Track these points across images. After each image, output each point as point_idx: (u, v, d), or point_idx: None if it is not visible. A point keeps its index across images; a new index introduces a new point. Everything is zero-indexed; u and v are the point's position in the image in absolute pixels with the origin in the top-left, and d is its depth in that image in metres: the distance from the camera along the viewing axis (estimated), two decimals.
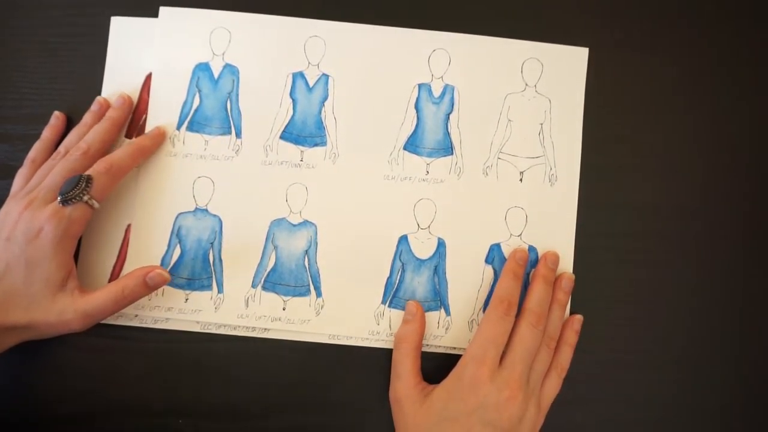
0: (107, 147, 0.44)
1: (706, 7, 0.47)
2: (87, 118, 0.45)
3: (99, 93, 0.46)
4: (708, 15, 0.47)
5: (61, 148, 0.44)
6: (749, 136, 0.47)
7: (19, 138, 0.46)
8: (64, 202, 0.39)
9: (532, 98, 0.46)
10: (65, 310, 0.39)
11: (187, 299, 0.44)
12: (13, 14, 0.47)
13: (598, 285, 0.45)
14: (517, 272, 0.43)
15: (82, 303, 0.40)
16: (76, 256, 0.44)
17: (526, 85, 0.46)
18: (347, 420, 0.44)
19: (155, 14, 0.46)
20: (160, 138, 0.45)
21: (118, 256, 0.44)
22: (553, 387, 0.42)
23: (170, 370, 0.44)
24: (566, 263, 0.45)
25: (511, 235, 0.45)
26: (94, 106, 0.45)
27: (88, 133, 0.44)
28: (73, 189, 0.39)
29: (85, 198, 0.40)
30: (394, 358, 0.42)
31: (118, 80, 0.46)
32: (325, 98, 0.45)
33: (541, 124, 0.46)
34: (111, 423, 0.43)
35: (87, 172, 0.41)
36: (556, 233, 0.45)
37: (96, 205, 0.41)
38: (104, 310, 0.40)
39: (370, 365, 0.44)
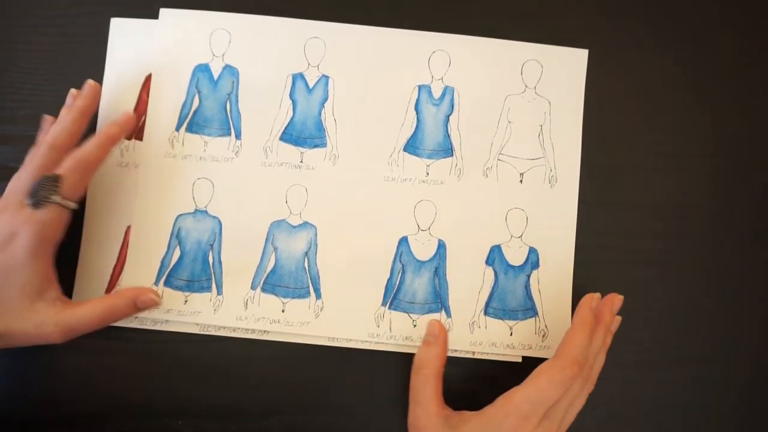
0: (76, 138, 0.41)
1: (707, 7, 0.47)
2: (63, 113, 0.43)
3: None
4: (709, 15, 0.47)
5: (37, 145, 0.41)
6: (749, 136, 0.47)
7: (18, 139, 0.45)
8: (34, 205, 0.37)
9: (532, 100, 0.46)
10: (45, 322, 0.37)
11: (186, 301, 0.44)
12: (12, 14, 0.47)
13: (598, 285, 0.45)
14: (591, 325, 0.39)
15: (65, 316, 0.38)
16: (75, 259, 0.44)
17: (526, 86, 0.46)
18: (346, 422, 0.44)
19: (155, 16, 0.46)
20: (129, 123, 0.43)
21: (118, 258, 0.44)
22: (578, 408, 0.39)
23: (170, 371, 0.44)
24: (567, 264, 0.44)
25: (511, 236, 0.45)
26: (69, 100, 0.43)
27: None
28: (40, 190, 0.37)
29: (56, 199, 0.38)
30: (414, 383, 0.40)
31: (118, 81, 0.46)
32: (325, 99, 0.45)
33: (541, 125, 0.46)
34: (111, 424, 0.43)
35: (56, 171, 0.39)
36: (556, 234, 0.45)
37: (72, 205, 0.39)
38: (89, 325, 0.39)
39: (370, 367, 0.44)
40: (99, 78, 0.46)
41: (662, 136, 0.46)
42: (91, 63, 0.46)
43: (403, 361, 0.43)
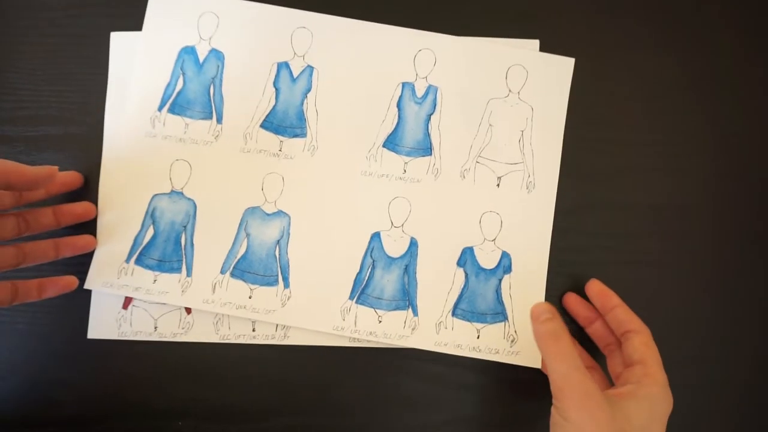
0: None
1: (707, 7, 0.47)
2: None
3: (98, 95, 0.45)
4: (709, 15, 0.47)
5: None
6: (749, 136, 0.46)
7: (18, 139, 0.45)
8: None
9: (515, 105, 0.45)
10: None
11: (155, 280, 0.44)
12: (12, 15, 0.46)
13: None
14: None
15: None
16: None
17: (510, 91, 0.46)
18: (347, 422, 0.44)
19: None
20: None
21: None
22: None
23: (169, 372, 0.44)
24: (540, 271, 0.44)
25: (484, 239, 0.44)
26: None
27: None
28: None
29: None
30: (550, 350, 0.36)
31: (118, 82, 0.45)
32: (308, 90, 0.45)
33: (522, 131, 0.45)
34: (111, 424, 0.44)
35: None
36: (530, 240, 0.45)
37: None
38: None
39: (371, 368, 0.44)
40: (98, 78, 0.45)
41: (662, 136, 0.46)
42: (90, 63, 0.46)
43: (404, 362, 0.44)
